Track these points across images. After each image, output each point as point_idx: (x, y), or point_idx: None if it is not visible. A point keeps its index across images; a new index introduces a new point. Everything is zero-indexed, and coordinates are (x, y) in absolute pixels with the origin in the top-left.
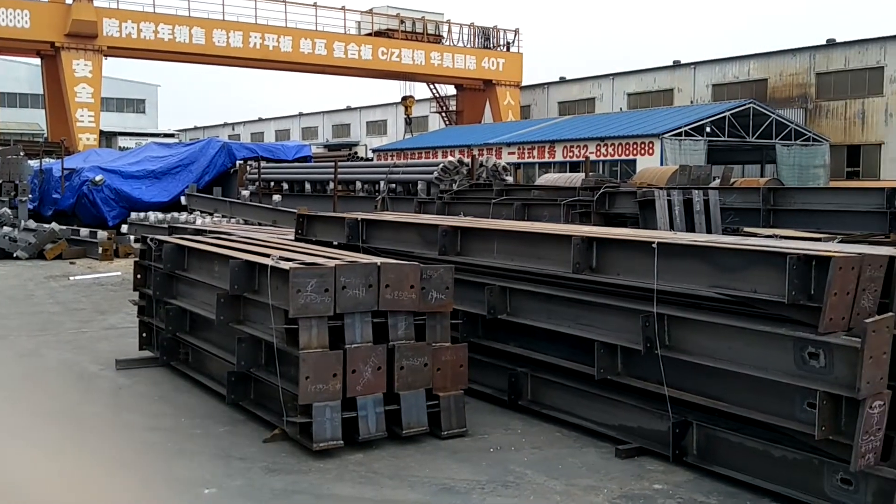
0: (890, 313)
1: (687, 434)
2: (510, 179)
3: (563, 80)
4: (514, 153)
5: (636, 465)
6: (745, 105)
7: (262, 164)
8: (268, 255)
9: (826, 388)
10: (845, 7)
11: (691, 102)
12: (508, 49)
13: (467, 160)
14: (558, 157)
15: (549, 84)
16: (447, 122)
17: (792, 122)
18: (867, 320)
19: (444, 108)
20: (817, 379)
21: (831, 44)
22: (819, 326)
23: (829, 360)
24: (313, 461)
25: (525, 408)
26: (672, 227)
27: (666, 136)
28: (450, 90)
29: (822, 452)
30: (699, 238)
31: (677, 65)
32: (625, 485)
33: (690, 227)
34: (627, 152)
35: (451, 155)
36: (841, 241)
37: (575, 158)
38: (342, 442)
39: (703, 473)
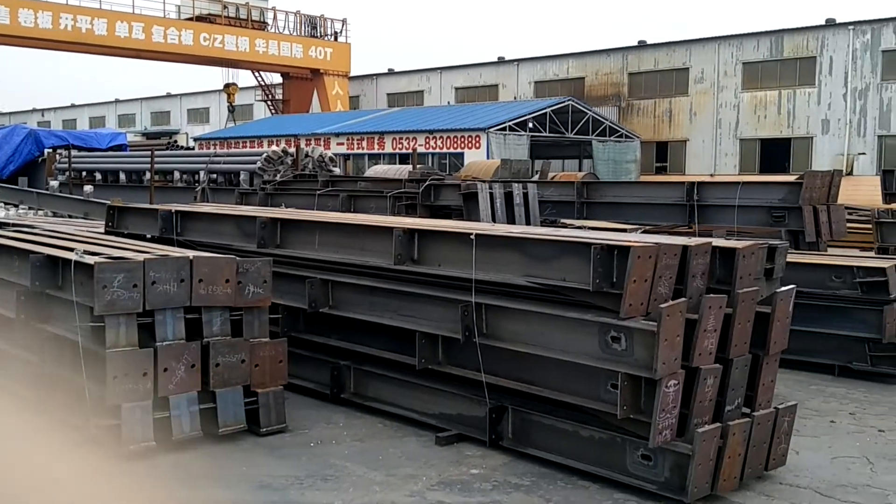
0: (683, 299)
1: (503, 419)
2: (338, 170)
3: (392, 72)
4: (343, 144)
5: (455, 451)
6: (564, 102)
7: (74, 152)
8: (72, 250)
9: (627, 370)
10: (656, 10)
11: (515, 98)
12: (336, 39)
13: (292, 150)
14: (388, 149)
15: (378, 75)
16: (273, 112)
17: (607, 120)
18: (663, 305)
19: (270, 96)
20: (619, 361)
21: (642, 45)
22: (620, 312)
23: (629, 344)
24: (125, 464)
25: (348, 401)
26: (494, 219)
27: (491, 130)
28: (276, 78)
29: (625, 431)
30: (514, 229)
31: (502, 61)
32: (443, 471)
33: (511, 219)
34: (455, 145)
35: (276, 145)
36: (644, 232)
37: (404, 150)
38: (154, 443)
39: (519, 456)
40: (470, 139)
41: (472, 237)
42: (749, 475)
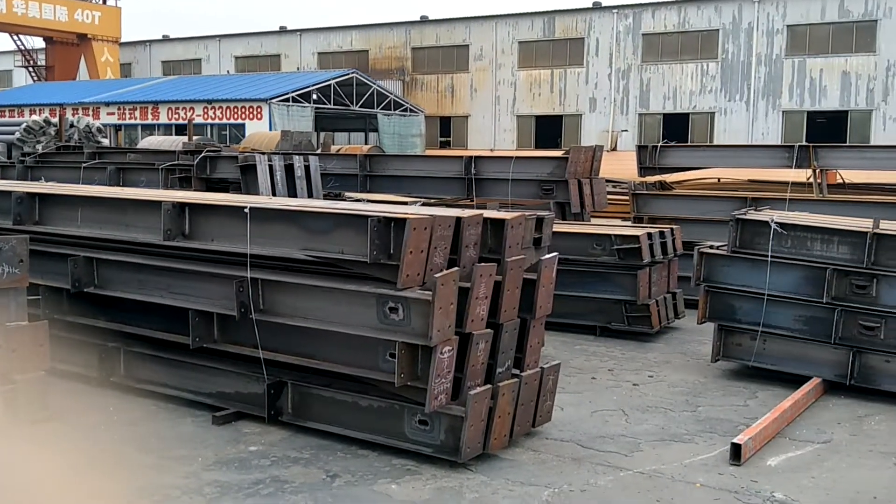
0: (456, 268)
1: (282, 394)
2: (107, 142)
3: (167, 39)
4: (113, 114)
5: (233, 429)
6: (348, 74)
7: None
8: None
9: (404, 339)
10: None
11: (298, 69)
12: (105, 2)
13: (55, 120)
14: (163, 120)
15: (151, 42)
16: (36, 79)
17: (391, 93)
18: (437, 275)
19: (32, 62)
20: (397, 331)
21: (424, 21)
22: (398, 283)
23: (406, 313)
24: None
25: (120, 385)
26: (274, 193)
27: (274, 101)
28: (38, 43)
29: (403, 398)
30: (291, 202)
31: (284, 31)
32: (220, 451)
33: (292, 193)
34: (236, 116)
35: (39, 114)
36: (423, 204)
37: (181, 121)
38: None
39: (299, 430)
40: (252, 110)
41: (247, 211)
42: (518, 433)
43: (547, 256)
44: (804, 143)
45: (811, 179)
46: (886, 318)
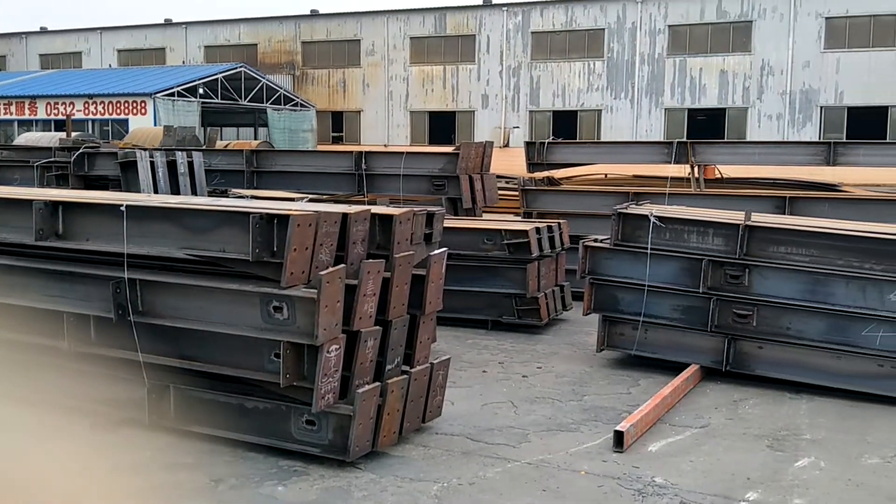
0: (342, 265)
1: (164, 398)
2: None
3: (44, 31)
4: None
5: (117, 437)
6: (236, 68)
7: None
8: None
9: (289, 338)
10: None
11: (184, 63)
12: None
13: None
14: (41, 115)
15: (28, 34)
16: None
17: (281, 88)
18: (322, 272)
19: None
20: (282, 330)
21: (315, 14)
22: (281, 281)
23: (291, 312)
24: None
25: None
26: (156, 190)
27: (158, 95)
28: None
29: (289, 399)
30: (171, 200)
31: (169, 23)
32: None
33: (175, 190)
34: (119, 111)
35: None
36: (310, 201)
37: (61, 116)
38: None
39: (184, 435)
40: (135, 105)
41: (123, 209)
42: (408, 429)
43: (436, 252)
44: (684, 139)
45: (690, 174)
46: (758, 306)
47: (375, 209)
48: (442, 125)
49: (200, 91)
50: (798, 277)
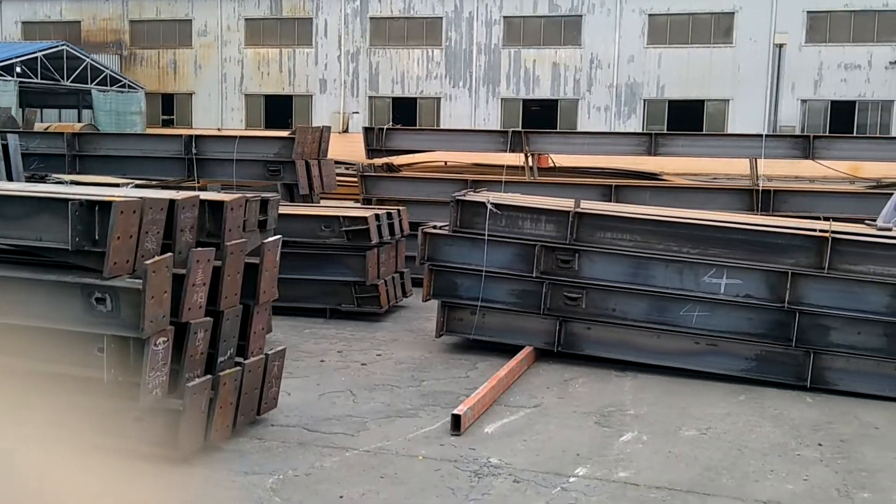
0: (169, 254)
1: None
2: None
3: None
4: None
5: None
6: (57, 47)
7: None
8: None
9: (114, 332)
10: None
11: None
12: None
13: None
14: None
15: None
16: None
17: (107, 68)
18: (148, 262)
19: None
20: (106, 323)
21: None
22: (104, 271)
23: (115, 304)
24: None
25: None
26: None
27: None
28: None
29: (117, 395)
30: None
31: None
32: None
33: None
34: None
35: None
36: (137, 186)
37: None
38: None
39: None
40: None
41: None
42: (242, 422)
43: (270, 239)
44: (518, 129)
45: (525, 163)
46: (587, 289)
47: (205, 195)
48: (279, 109)
49: (18, 70)
50: (623, 261)
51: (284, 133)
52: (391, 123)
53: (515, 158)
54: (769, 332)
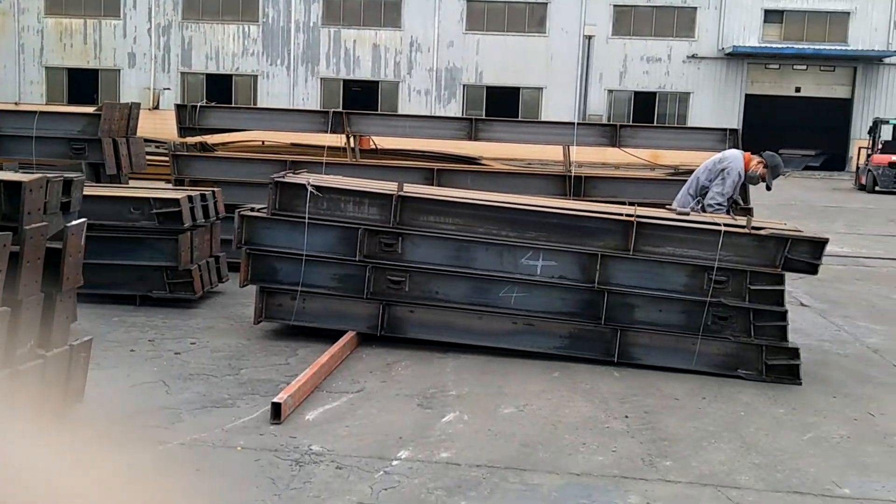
0: None
1: None
2: None
3: None
4: None
5: None
6: None
7: None
8: None
9: None
10: None
11: None
12: None
13: None
14: None
15: None
16: None
17: None
18: None
19: None
20: None
21: None
22: None
23: None
24: None
25: None
26: None
27: None
28: None
29: None
30: None
31: None
32: None
33: None
34: None
35: None
36: None
37: None
38: None
39: None
40: None
41: None
42: (45, 419)
43: (74, 223)
44: (339, 109)
45: (346, 144)
46: (410, 272)
47: (1, 175)
48: (83, 84)
49: None
50: (445, 244)
51: (90, 109)
52: (205, 101)
53: (336, 139)
54: (581, 311)
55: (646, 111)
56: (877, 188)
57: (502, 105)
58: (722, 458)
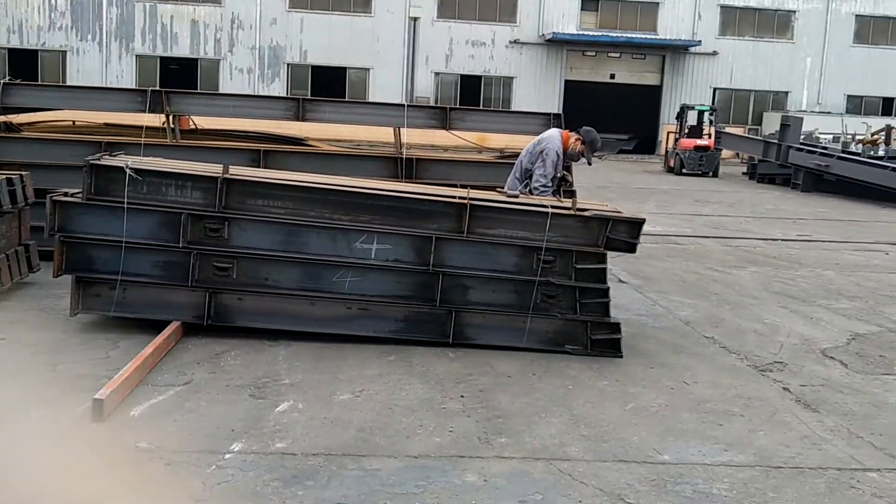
0: None
1: None
2: None
3: None
4: None
5: None
6: None
7: None
8: None
9: None
10: None
11: None
12: None
13: None
14: None
15: None
16: None
17: None
18: None
19: None
20: None
21: None
22: None
23: None
24: None
25: None
26: None
27: None
28: None
29: None
30: None
31: None
32: None
33: None
34: None
35: None
36: None
37: None
38: None
39: None
40: None
41: None
42: None
43: None
44: (157, 88)
45: (165, 124)
46: (238, 258)
47: None
48: None
49: None
50: (275, 229)
51: None
52: (8, 78)
53: (153, 119)
54: (416, 294)
55: (472, 94)
56: (684, 171)
57: (328, 85)
58: (553, 432)
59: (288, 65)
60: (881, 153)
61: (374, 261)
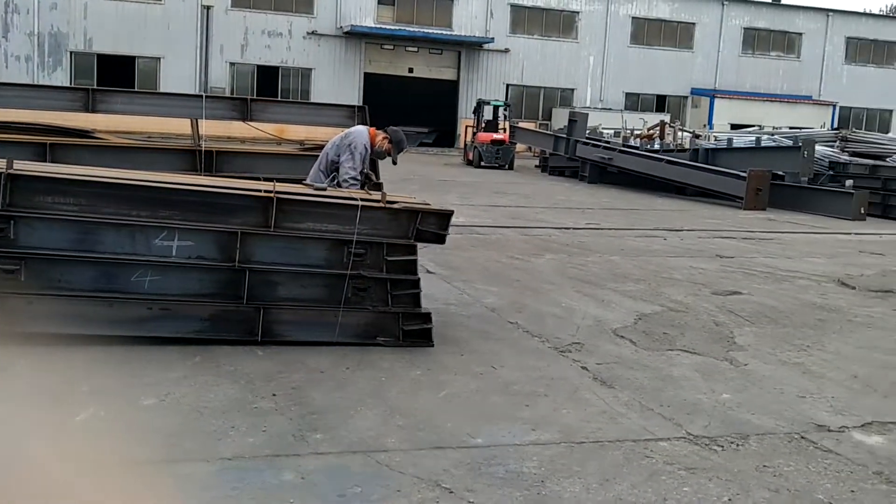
0: None
1: None
2: None
3: None
4: None
5: None
6: None
7: None
8: None
9: None
10: None
11: None
12: None
13: None
14: None
15: None
16: None
17: None
18: None
19: None
20: None
21: None
22: None
23: None
24: None
25: None
26: None
27: None
28: None
29: None
30: None
31: None
32: None
33: None
34: None
35: None
36: None
37: None
38: None
39: None
40: None
41: None
42: None
43: None
44: None
45: None
46: (26, 259)
47: None
48: None
49: None
50: (68, 227)
51: None
52: None
53: None
54: (221, 292)
55: (270, 85)
56: (482, 164)
57: (116, 75)
58: (369, 425)
59: (71, 53)
60: (657, 147)
61: (176, 258)
